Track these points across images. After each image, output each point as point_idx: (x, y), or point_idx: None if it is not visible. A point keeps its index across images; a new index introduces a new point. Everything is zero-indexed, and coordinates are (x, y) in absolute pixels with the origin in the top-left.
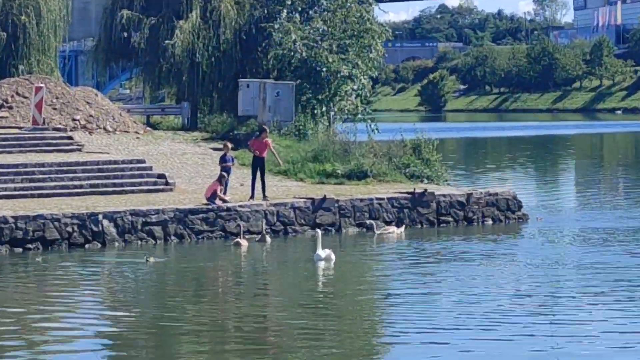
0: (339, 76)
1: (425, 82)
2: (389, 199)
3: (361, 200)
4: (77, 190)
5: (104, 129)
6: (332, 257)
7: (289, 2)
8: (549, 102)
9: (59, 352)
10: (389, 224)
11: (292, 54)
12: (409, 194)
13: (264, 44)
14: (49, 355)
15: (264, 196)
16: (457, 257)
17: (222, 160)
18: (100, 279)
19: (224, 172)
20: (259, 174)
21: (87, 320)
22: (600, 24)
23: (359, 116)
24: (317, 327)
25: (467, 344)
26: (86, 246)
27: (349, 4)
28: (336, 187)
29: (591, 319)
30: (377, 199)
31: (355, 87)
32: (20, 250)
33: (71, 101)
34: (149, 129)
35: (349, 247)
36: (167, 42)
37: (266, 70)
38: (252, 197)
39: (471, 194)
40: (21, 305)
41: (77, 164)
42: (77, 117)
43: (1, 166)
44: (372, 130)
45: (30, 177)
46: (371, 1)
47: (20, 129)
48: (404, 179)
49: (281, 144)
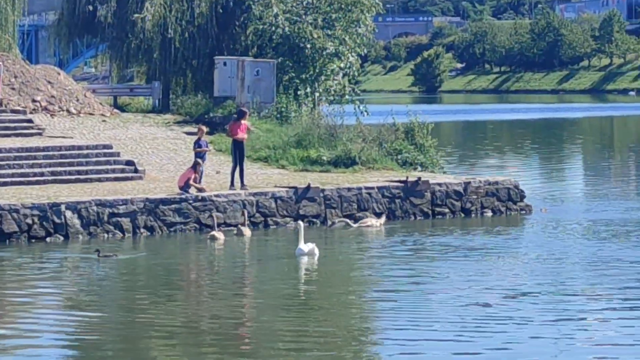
0: (324, 54)
1: (419, 60)
2: (379, 189)
3: (349, 189)
4: (37, 178)
5: (67, 111)
6: (316, 251)
7: None
8: (554, 83)
9: None
10: (379, 215)
11: (273, 29)
12: (401, 182)
13: (242, 18)
14: None
15: (242, 184)
16: (452, 252)
17: (197, 145)
18: (62, 275)
19: (198, 159)
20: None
21: (47, 322)
22: None
23: (347, 97)
24: (299, 329)
25: (462, 346)
26: (47, 239)
27: None
28: (321, 175)
29: (599, 319)
30: (367, 189)
31: (342, 65)
32: None
33: (31, 80)
34: (116, 111)
35: (333, 240)
36: (136, 15)
37: (245, 47)
38: (232, 185)
39: (469, 183)
40: None
41: (37, 149)
42: (38, 98)
43: None
44: (361, 112)
45: None
46: None
47: None
48: (395, 166)
49: (261, 127)
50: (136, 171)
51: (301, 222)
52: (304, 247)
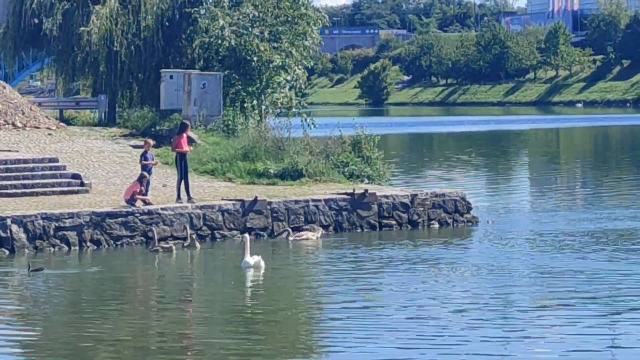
0: (271, 66)
1: (365, 72)
2: (326, 201)
3: (296, 202)
4: None
5: (13, 124)
6: (262, 264)
7: None
8: (500, 95)
9: None
10: (326, 227)
11: (219, 41)
12: (348, 195)
13: (188, 31)
14: None
15: (189, 198)
16: (398, 264)
17: (143, 158)
18: (4, 292)
19: (144, 172)
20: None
21: None
22: (555, 9)
23: (294, 110)
24: (245, 346)
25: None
26: None
27: None
28: (268, 187)
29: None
30: (314, 201)
31: (289, 78)
32: None
33: None
34: (62, 124)
35: (280, 253)
36: (82, 29)
37: (191, 59)
38: (179, 198)
39: (416, 194)
40: None
41: None
42: None
43: None
44: (308, 125)
45: None
46: None
47: None
48: (342, 178)
49: (208, 140)
50: (82, 184)
51: (247, 235)
52: (250, 259)
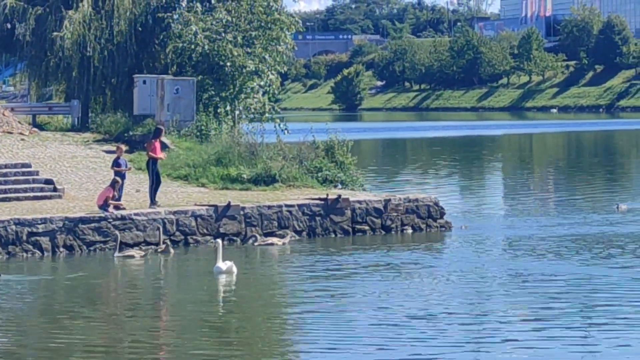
0: (244, 71)
1: (339, 78)
2: (300, 206)
3: (269, 207)
4: None
5: None
6: (234, 269)
7: None
8: (473, 100)
9: None
10: (299, 233)
11: (192, 47)
12: (321, 200)
13: (161, 36)
14: None
15: (152, 201)
16: (371, 270)
17: (115, 164)
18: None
19: (117, 177)
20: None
21: None
22: (529, 15)
23: (267, 115)
24: (217, 354)
25: None
26: None
27: None
28: (242, 193)
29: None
30: (287, 206)
31: (262, 83)
32: None
33: None
34: (35, 129)
35: (253, 258)
36: (55, 34)
37: (164, 65)
38: (152, 203)
39: (389, 200)
40: None
41: None
42: None
43: None
44: (282, 130)
45: None
46: None
47: None
48: (316, 184)
49: (181, 145)
50: (55, 190)
51: (219, 240)
52: (222, 265)
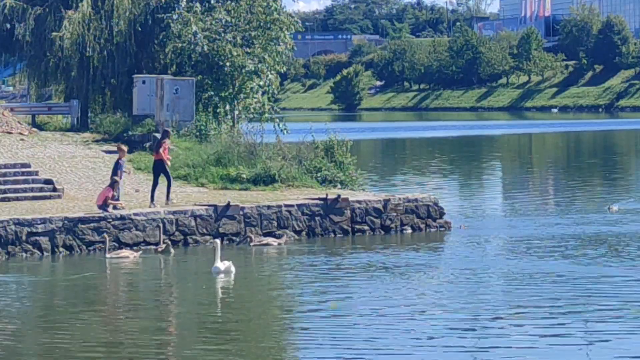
0: (243, 71)
1: (338, 78)
2: (299, 206)
3: (268, 207)
4: None
5: None
6: (232, 269)
7: None
8: (473, 100)
9: None
10: (298, 233)
11: (192, 47)
12: (320, 200)
13: (161, 36)
14: None
15: (152, 200)
16: (371, 270)
17: (117, 166)
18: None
19: (115, 177)
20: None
21: None
22: (528, 15)
23: (266, 115)
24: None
25: None
26: None
27: None
28: (241, 193)
29: (516, 336)
30: (286, 206)
31: (261, 83)
32: None
33: None
34: (34, 129)
35: (251, 258)
36: (54, 34)
37: (164, 65)
38: (151, 201)
39: (389, 200)
40: None
41: None
42: None
43: None
44: (281, 130)
45: None
46: None
47: None
48: (315, 183)
49: (180, 145)
50: (55, 190)
51: (217, 240)
52: (220, 265)
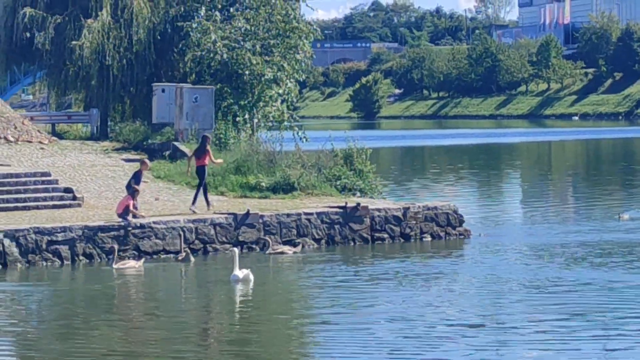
0: (263, 80)
1: (357, 86)
2: (319, 214)
3: (288, 215)
4: None
5: (5, 138)
6: (251, 277)
7: None
8: (492, 108)
9: None
10: (318, 241)
11: (211, 55)
12: (340, 208)
13: (180, 45)
14: None
15: (193, 204)
16: (390, 278)
17: (134, 177)
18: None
19: (136, 186)
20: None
21: None
22: (547, 22)
23: (285, 123)
24: None
25: None
26: None
27: (273, 1)
28: (260, 201)
29: (537, 345)
30: (306, 214)
31: (280, 91)
32: None
33: None
34: (54, 138)
35: (270, 267)
36: (74, 43)
37: (183, 73)
38: (208, 206)
39: (408, 208)
40: None
41: None
42: None
43: None
44: (300, 138)
45: None
46: None
47: None
48: (334, 192)
49: None
50: (74, 198)
51: (236, 249)
52: (239, 273)
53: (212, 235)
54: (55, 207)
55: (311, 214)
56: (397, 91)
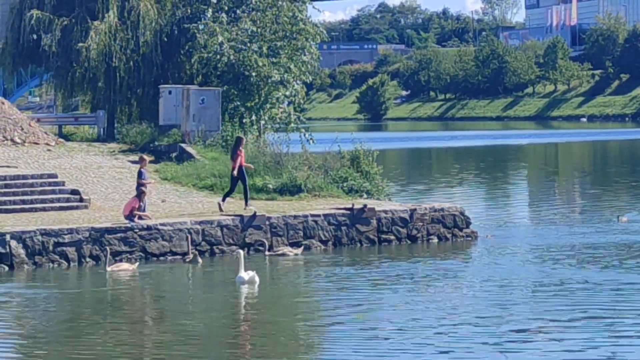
0: (269, 81)
1: (364, 87)
2: (325, 216)
3: (295, 217)
4: None
5: (12, 140)
6: (256, 279)
7: (215, 1)
8: (499, 109)
9: None
10: (325, 243)
11: (218, 57)
12: (347, 210)
13: (187, 47)
14: None
15: (246, 203)
16: (397, 280)
17: (139, 175)
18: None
19: (142, 188)
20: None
21: None
22: (554, 24)
23: (292, 125)
24: None
25: None
26: None
27: (280, 3)
28: (267, 202)
29: (545, 347)
30: (312, 216)
31: (287, 93)
32: None
33: None
34: (61, 140)
35: (276, 268)
36: (80, 44)
37: (190, 75)
38: (246, 204)
39: (415, 209)
40: None
41: None
42: None
43: None
44: (307, 140)
45: None
46: None
47: None
48: (341, 193)
49: (207, 156)
50: (81, 200)
51: (241, 251)
52: (244, 275)
53: (219, 236)
54: (62, 208)
55: (318, 215)
56: (404, 93)
